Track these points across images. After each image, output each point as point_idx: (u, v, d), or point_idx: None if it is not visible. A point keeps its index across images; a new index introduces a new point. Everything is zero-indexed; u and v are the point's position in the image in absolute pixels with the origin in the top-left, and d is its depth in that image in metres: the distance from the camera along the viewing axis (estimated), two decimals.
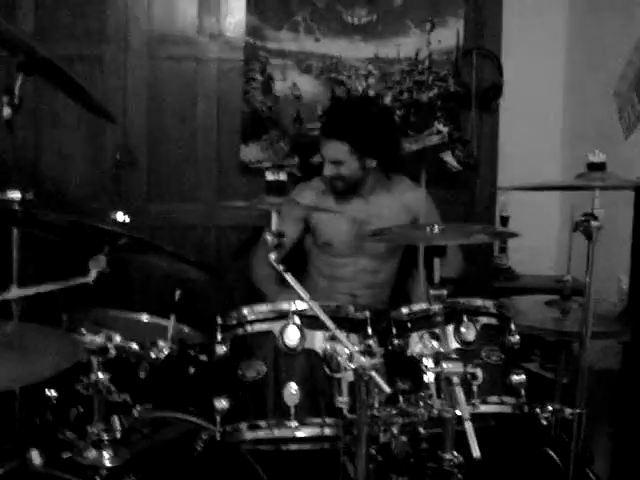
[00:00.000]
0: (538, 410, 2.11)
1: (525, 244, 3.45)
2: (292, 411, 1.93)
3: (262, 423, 1.95)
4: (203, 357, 2.52)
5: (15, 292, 2.14)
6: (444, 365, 1.81)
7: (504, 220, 3.60)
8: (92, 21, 3.45)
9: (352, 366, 1.73)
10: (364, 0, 3.48)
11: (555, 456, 2.42)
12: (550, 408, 2.11)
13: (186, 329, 2.57)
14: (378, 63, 3.50)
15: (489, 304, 2.14)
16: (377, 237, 2.32)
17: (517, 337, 2.12)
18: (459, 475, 1.83)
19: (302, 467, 2.24)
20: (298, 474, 2.28)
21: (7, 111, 2.31)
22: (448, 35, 3.51)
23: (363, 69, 3.49)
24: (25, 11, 3.35)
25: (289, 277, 1.87)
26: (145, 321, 2.66)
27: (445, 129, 3.54)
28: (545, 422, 2.14)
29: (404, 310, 2.13)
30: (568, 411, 2.08)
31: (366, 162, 2.94)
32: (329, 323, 1.81)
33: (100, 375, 2.03)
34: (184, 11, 3.50)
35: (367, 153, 2.93)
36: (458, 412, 1.78)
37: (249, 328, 2.04)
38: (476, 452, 1.64)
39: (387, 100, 3.50)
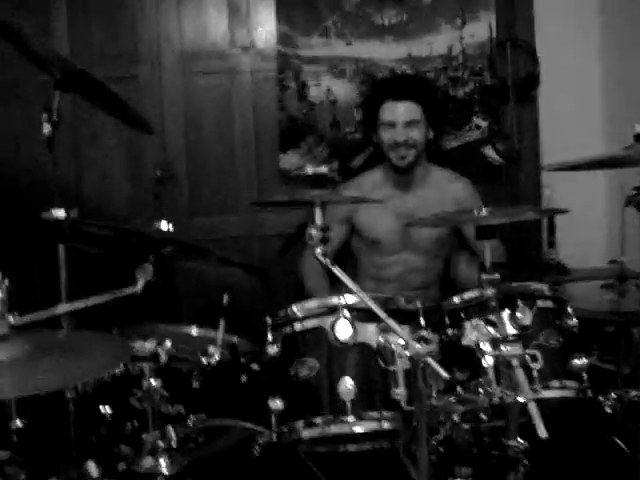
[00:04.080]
0: (601, 398, 2.05)
1: (574, 237, 3.40)
2: (348, 406, 1.89)
3: (318, 420, 1.92)
4: (254, 365, 2.50)
5: (63, 307, 2.15)
6: (503, 348, 1.76)
7: None
8: (125, 42, 3.49)
9: (407, 354, 1.69)
10: (393, 0, 3.46)
11: (622, 444, 2.33)
12: (613, 394, 2.04)
13: (235, 338, 2.56)
14: (411, 62, 3.47)
15: (544, 287, 2.09)
16: (425, 222, 2.26)
17: (575, 320, 2.06)
18: (525, 462, 1.77)
19: (360, 468, 2.20)
20: (356, 476, 2.23)
21: (47, 128, 2.34)
22: (480, 28, 3.48)
23: (397, 69, 3.46)
24: (59, 35, 3.39)
25: (337, 270, 1.84)
26: (194, 334, 2.64)
27: (484, 123, 3.50)
28: (610, 410, 2.08)
29: (456, 299, 2.08)
30: (633, 393, 2.01)
31: (429, 132, 2.97)
32: (381, 313, 1.77)
33: (153, 382, 2.02)
34: (215, 25, 3.51)
35: (433, 120, 2.97)
36: (520, 396, 1.73)
37: (299, 326, 2.01)
38: (543, 433, 1.58)
39: None
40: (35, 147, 2.50)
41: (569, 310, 2.08)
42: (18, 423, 2.07)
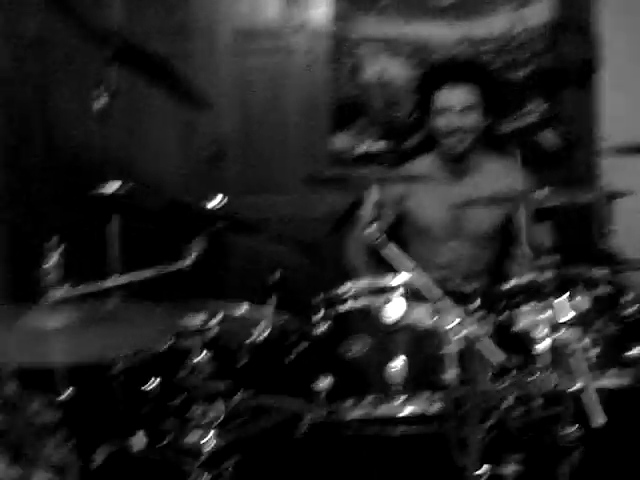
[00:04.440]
0: None
1: (631, 226, 3.31)
2: (398, 387, 1.86)
3: (367, 400, 1.89)
4: (304, 344, 2.49)
5: (115, 280, 2.16)
6: (559, 333, 1.71)
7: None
8: (179, 18, 3.49)
9: (462, 334, 1.65)
10: None
11: None
12: None
13: (286, 316, 2.55)
14: (469, 43, 3.41)
15: (603, 272, 2.03)
16: (478, 202, 2.21)
17: (636, 307, 2.00)
18: (578, 449, 1.73)
19: (407, 452, 2.17)
20: (403, 460, 2.20)
21: (102, 101, 2.36)
22: (540, 10, 3.39)
23: (454, 50, 3.40)
24: (113, 9, 3.40)
25: (392, 248, 1.81)
26: (244, 311, 2.63)
27: (542, 107, 3.42)
28: None
29: (513, 282, 2.04)
30: None
31: (486, 118, 2.91)
32: (435, 293, 1.74)
33: (202, 356, 2.01)
34: (270, 3, 3.49)
35: (490, 104, 2.90)
36: (577, 382, 1.68)
37: (351, 304, 1.99)
38: (601, 419, 1.54)
39: None
40: (90, 122, 2.52)
41: (629, 297, 2.02)
42: (68, 392, 2.09)
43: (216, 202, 2.26)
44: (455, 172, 2.95)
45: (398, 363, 1.88)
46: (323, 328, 2.00)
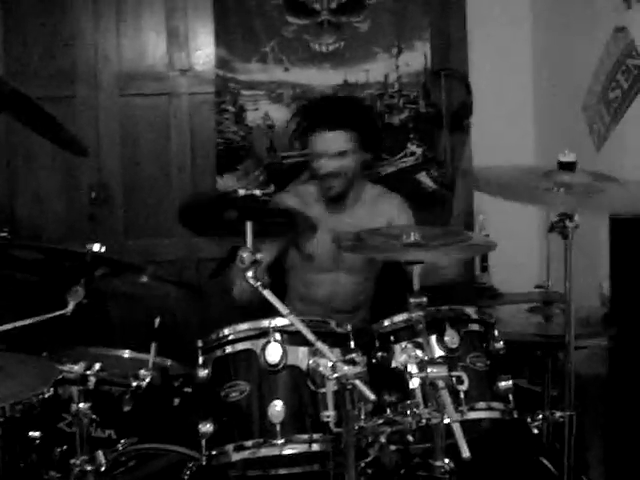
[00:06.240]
0: (529, 419, 2.09)
1: (506, 261, 3.46)
2: (278, 429, 1.89)
3: (248, 443, 1.91)
4: (187, 389, 2.49)
5: None
6: (429, 370, 1.79)
7: None
8: (62, 62, 3.48)
9: (335, 375, 1.70)
10: (331, 28, 3.53)
11: (549, 464, 2.38)
12: (540, 415, 2.09)
13: (169, 362, 2.54)
14: (348, 89, 3.54)
15: (471, 311, 2.13)
16: (353, 246, 2.26)
17: (501, 343, 2.11)
18: None
19: None
20: None
21: None
22: (416, 58, 3.56)
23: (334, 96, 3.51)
24: None
25: (267, 293, 1.86)
26: (127, 357, 2.62)
27: (419, 150, 3.57)
28: (536, 430, 2.12)
29: (386, 322, 2.10)
30: (558, 414, 2.06)
31: (364, 155, 2.92)
32: (310, 335, 1.79)
33: (81, 405, 1.99)
34: (154, 47, 3.53)
35: (368, 144, 2.92)
36: (446, 417, 1.76)
37: (230, 348, 2.01)
38: (465, 453, 1.62)
39: None
40: None
41: (496, 333, 2.12)
42: None
43: (96, 248, 2.24)
44: (334, 209, 2.98)
45: (278, 405, 1.91)
46: (204, 373, 2.00)
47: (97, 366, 2.01)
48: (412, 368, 1.86)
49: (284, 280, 3.09)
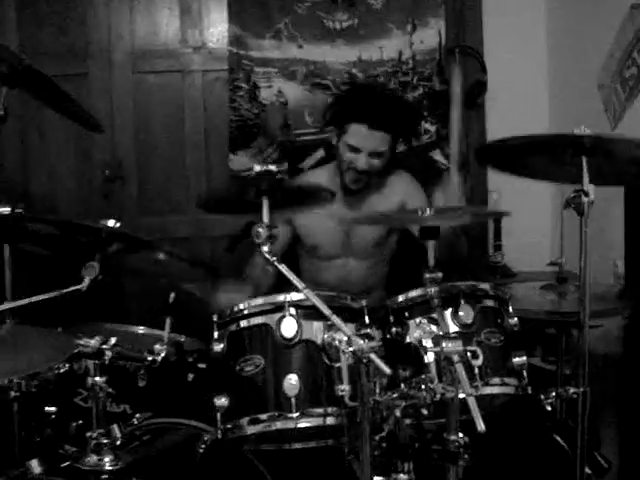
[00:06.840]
0: (542, 396, 2.09)
1: (520, 241, 3.46)
2: (293, 402, 1.90)
3: (263, 416, 1.92)
4: (201, 364, 2.51)
5: (7, 304, 2.12)
6: (444, 344, 1.78)
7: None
8: (75, 39, 3.47)
9: (350, 349, 1.71)
10: (344, 4, 3.50)
11: (562, 441, 2.38)
12: (553, 393, 2.08)
13: (183, 337, 2.56)
14: (362, 66, 3.52)
15: (486, 286, 2.12)
16: (362, 220, 2.25)
17: (515, 319, 2.11)
18: (465, 456, 1.80)
19: (306, 466, 2.21)
20: (302, 474, 2.24)
21: None
22: (430, 35, 3.53)
23: (347, 72, 3.49)
24: (8, 30, 3.35)
25: (283, 268, 1.86)
26: (141, 332, 2.64)
27: (433, 128, 3.55)
28: (549, 407, 2.12)
29: (400, 298, 2.11)
30: (572, 390, 2.05)
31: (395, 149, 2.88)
32: (325, 310, 1.79)
33: (97, 378, 2.00)
34: (167, 24, 3.52)
35: (403, 139, 2.93)
36: (460, 391, 1.76)
37: (245, 322, 2.02)
38: (480, 426, 1.62)
39: None
40: None
41: (510, 309, 2.12)
42: None
43: (111, 224, 2.25)
44: (351, 196, 2.94)
45: (293, 379, 1.92)
46: (218, 348, 2.01)
47: (113, 340, 2.02)
48: (427, 342, 1.86)
49: (297, 265, 3.08)
